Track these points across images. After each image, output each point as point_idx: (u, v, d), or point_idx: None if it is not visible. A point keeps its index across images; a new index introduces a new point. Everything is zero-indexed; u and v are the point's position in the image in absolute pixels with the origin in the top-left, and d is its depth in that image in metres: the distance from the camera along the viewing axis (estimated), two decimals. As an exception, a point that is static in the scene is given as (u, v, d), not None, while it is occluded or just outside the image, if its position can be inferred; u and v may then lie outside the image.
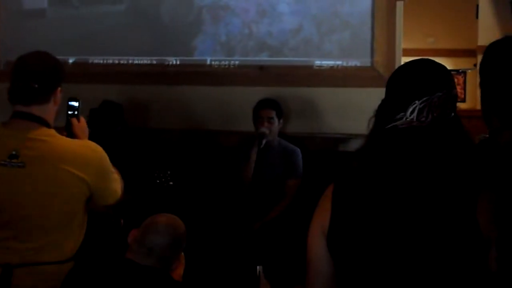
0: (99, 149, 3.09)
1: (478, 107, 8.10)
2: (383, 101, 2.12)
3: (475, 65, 9.72)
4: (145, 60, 5.62)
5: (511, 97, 2.21)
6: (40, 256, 2.98)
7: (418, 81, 2.07)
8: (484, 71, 2.30)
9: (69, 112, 3.22)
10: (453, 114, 2.06)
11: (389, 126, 2.04)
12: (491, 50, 2.32)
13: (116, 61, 5.61)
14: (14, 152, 2.94)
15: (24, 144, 2.97)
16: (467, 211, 1.92)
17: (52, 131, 3.05)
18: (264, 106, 5.09)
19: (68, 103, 3.22)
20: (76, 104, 3.23)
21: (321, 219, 2.06)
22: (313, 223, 2.11)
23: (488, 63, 2.30)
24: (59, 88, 3.12)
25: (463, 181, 1.96)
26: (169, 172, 5.04)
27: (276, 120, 5.05)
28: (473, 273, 1.92)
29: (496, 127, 2.26)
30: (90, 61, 5.61)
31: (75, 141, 3.09)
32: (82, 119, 3.25)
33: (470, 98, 9.93)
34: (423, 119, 2.02)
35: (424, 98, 2.04)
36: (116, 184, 3.15)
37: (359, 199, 2.01)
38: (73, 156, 2.99)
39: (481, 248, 1.90)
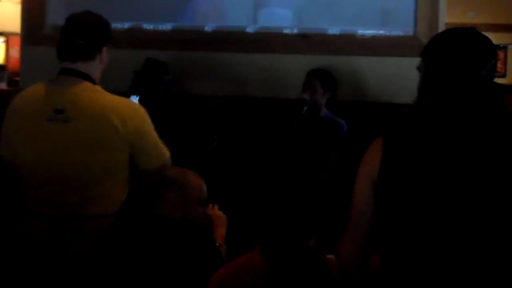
0: (141, 109, 3.15)
1: (519, 81, 7.90)
2: (436, 68, 2.18)
3: (516, 39, 9.65)
4: (188, 27, 5.68)
5: None
6: (85, 209, 3.07)
7: (478, 51, 2.15)
8: None
9: None
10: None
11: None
12: None
13: (164, 27, 5.66)
14: (59, 107, 3.03)
15: (69, 98, 3.06)
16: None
17: (97, 87, 3.13)
18: (310, 74, 5.16)
19: None
20: None
21: (370, 168, 2.14)
22: (361, 172, 2.19)
23: None
24: (105, 48, 3.20)
25: (508, 139, 2.03)
26: (215, 136, 5.13)
27: (320, 89, 5.10)
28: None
29: None
30: (139, 27, 5.67)
31: (119, 98, 3.15)
32: None
33: (511, 73, 9.86)
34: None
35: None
36: (158, 149, 3.18)
37: (410, 148, 2.08)
38: (115, 112, 3.05)
39: None
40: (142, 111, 3.15)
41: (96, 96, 3.09)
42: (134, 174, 3.26)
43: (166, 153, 3.23)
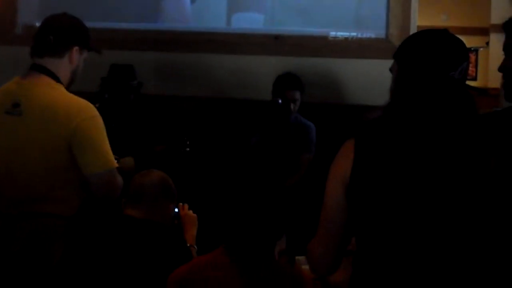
0: (92, 110, 3.07)
1: (490, 85, 8.17)
2: (406, 70, 2.18)
3: (487, 43, 9.70)
4: (162, 27, 5.68)
5: None
6: (38, 207, 3.02)
7: (450, 53, 2.15)
8: None
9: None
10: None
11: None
12: None
13: (138, 27, 5.65)
14: (17, 101, 3.03)
15: (26, 92, 3.05)
16: (483, 169, 2.00)
17: (57, 84, 3.10)
18: (290, 87, 5.04)
19: None
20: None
21: (342, 168, 2.12)
22: (333, 172, 2.17)
23: None
24: (76, 48, 3.19)
25: (479, 141, 2.04)
26: (187, 141, 5.10)
27: (299, 99, 5.06)
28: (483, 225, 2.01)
29: None
30: (111, 27, 5.63)
31: (74, 96, 3.09)
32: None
33: (482, 76, 9.92)
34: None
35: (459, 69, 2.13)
36: (99, 154, 3.04)
37: (381, 150, 2.08)
38: (63, 107, 3.00)
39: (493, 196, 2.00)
40: (92, 112, 3.06)
41: (51, 92, 3.06)
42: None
43: (112, 162, 3.07)
